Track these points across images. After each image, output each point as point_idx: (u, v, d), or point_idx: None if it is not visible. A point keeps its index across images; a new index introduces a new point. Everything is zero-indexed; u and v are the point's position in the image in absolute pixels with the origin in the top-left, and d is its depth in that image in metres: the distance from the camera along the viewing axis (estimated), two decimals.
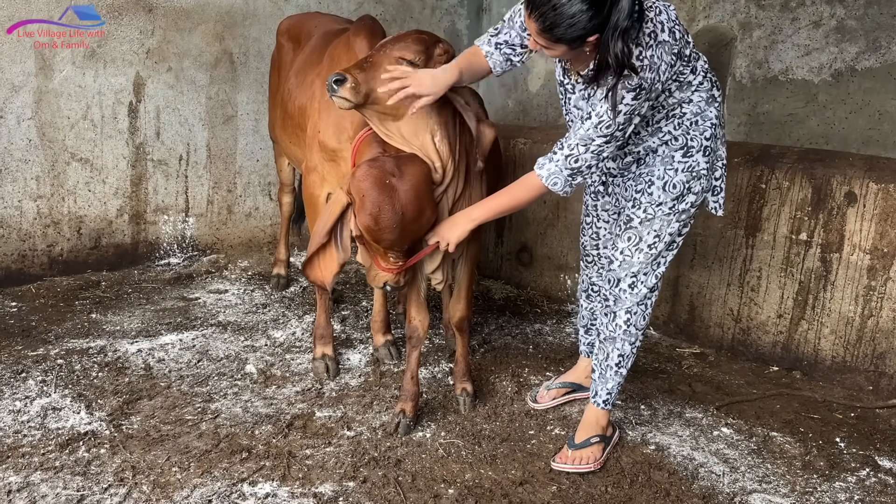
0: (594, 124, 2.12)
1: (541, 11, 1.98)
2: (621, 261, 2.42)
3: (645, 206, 2.35)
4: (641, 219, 2.36)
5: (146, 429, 2.58)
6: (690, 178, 2.32)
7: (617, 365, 2.53)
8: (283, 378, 3.04)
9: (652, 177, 2.33)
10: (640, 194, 2.35)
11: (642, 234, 2.37)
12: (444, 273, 2.65)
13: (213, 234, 4.50)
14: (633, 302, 2.44)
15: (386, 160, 2.32)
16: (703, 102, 2.28)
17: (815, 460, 2.65)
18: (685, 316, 3.70)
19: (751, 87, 3.92)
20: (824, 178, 3.22)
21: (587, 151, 2.16)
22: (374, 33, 2.80)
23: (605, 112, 2.09)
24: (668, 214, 2.34)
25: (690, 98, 2.25)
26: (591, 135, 2.13)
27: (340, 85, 2.25)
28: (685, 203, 2.34)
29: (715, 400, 3.06)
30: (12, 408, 2.64)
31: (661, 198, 2.32)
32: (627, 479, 2.48)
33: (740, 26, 3.95)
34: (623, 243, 2.41)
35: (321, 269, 2.56)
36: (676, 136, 2.28)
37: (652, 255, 2.39)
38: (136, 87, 4.05)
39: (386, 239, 2.30)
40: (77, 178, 3.96)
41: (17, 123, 3.72)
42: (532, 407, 2.90)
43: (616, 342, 2.50)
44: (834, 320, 3.24)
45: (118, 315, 3.56)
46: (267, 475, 2.35)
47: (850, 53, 3.59)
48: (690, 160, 2.30)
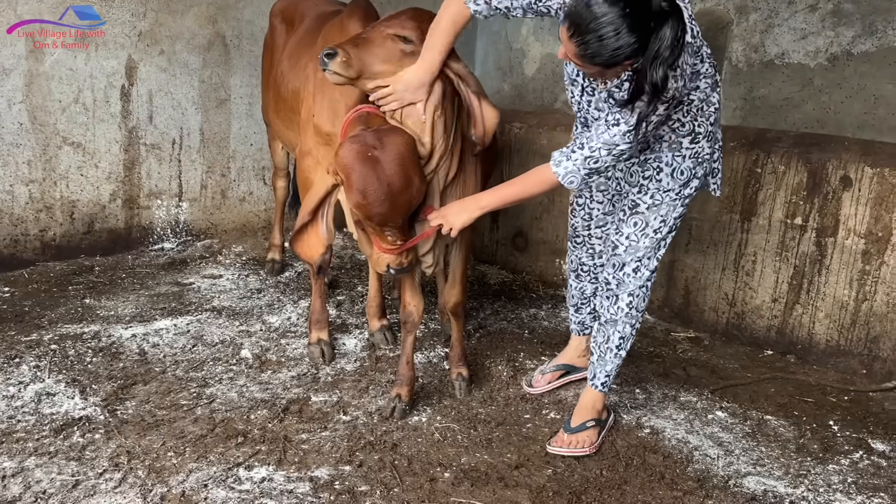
0: (622, 132, 2.08)
1: (584, 39, 1.91)
2: (627, 246, 2.42)
3: (652, 192, 2.35)
4: (649, 204, 2.36)
5: (141, 414, 2.57)
6: (696, 164, 2.32)
7: (617, 347, 2.55)
8: (279, 363, 3.03)
9: (660, 163, 2.32)
10: (649, 181, 2.35)
11: (649, 220, 2.37)
12: (435, 257, 2.64)
13: (207, 219, 4.48)
14: (636, 285, 2.45)
15: (366, 134, 2.31)
16: (708, 88, 2.25)
17: (808, 443, 2.66)
18: (680, 300, 3.71)
19: (747, 71, 3.90)
20: (820, 163, 3.22)
21: (609, 155, 2.13)
22: (367, 15, 2.77)
23: (635, 122, 2.06)
24: (674, 200, 2.35)
25: (698, 85, 2.23)
26: (616, 141, 2.10)
27: (331, 59, 2.22)
28: (689, 188, 2.35)
29: (709, 384, 3.08)
30: (6, 393, 2.63)
31: (669, 184, 2.32)
32: (622, 462, 2.49)
33: (736, 10, 3.93)
34: (629, 228, 2.40)
35: (308, 245, 2.62)
36: (684, 122, 2.26)
37: (657, 239, 2.40)
38: (129, 70, 4.01)
39: (377, 213, 2.28)
40: (69, 163, 3.92)
41: (7, 107, 3.68)
42: (528, 392, 2.91)
43: (618, 325, 2.52)
44: (828, 304, 3.25)
45: (112, 300, 3.54)
46: (263, 460, 2.35)
47: (847, 37, 3.57)
48: (696, 146, 2.30)
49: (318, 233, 2.60)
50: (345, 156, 2.27)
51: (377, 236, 2.39)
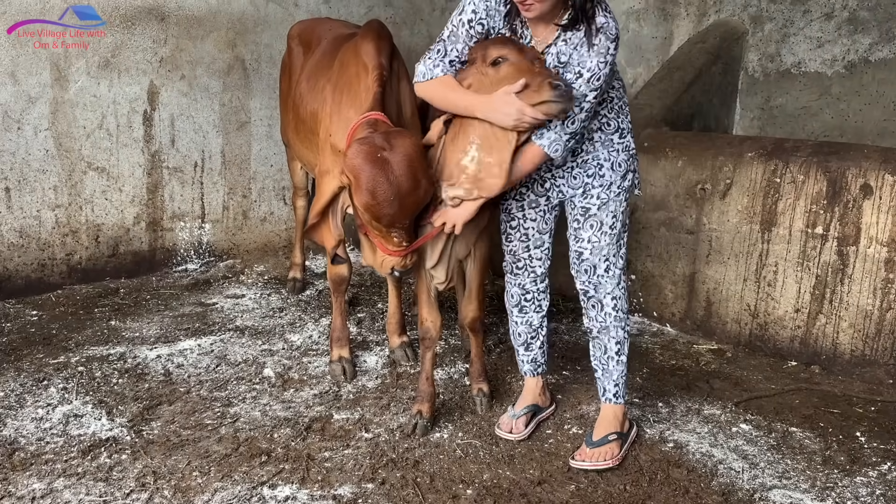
0: (586, 79, 2.25)
1: None
2: (590, 248, 2.52)
3: (597, 193, 2.48)
4: (598, 205, 2.49)
5: (166, 434, 2.61)
6: (629, 157, 2.50)
7: (617, 353, 2.59)
8: (301, 381, 3.06)
9: (599, 160, 2.47)
10: (593, 178, 2.48)
11: (603, 219, 2.49)
12: (447, 273, 2.65)
13: (229, 240, 4.53)
14: (612, 285, 2.54)
15: (375, 136, 2.33)
16: (622, 90, 2.50)
17: (835, 455, 2.63)
18: (702, 312, 3.69)
19: (763, 80, 3.90)
20: (839, 171, 3.19)
21: (581, 112, 2.28)
22: (381, 37, 2.81)
23: (595, 65, 2.24)
24: (618, 195, 2.49)
25: (614, 83, 2.45)
26: (584, 91, 2.25)
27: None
28: (627, 181, 2.51)
29: (733, 396, 3.05)
30: (35, 415, 2.68)
31: (611, 177, 2.47)
32: (646, 476, 2.47)
33: (752, 20, 3.93)
34: (587, 232, 2.52)
35: (321, 236, 2.86)
36: (610, 119, 2.45)
37: (614, 235, 2.51)
38: (151, 95, 4.09)
39: (386, 214, 2.29)
40: (94, 187, 4.00)
41: (34, 134, 3.77)
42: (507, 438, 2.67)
43: (609, 330, 2.57)
44: (852, 314, 3.21)
45: (137, 322, 3.59)
46: (286, 478, 2.37)
47: (864, 45, 3.56)
48: (625, 140, 2.49)
49: (329, 228, 2.80)
50: (353, 157, 2.28)
51: (383, 238, 2.40)
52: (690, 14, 4.37)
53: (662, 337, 3.71)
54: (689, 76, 4.26)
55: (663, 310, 3.80)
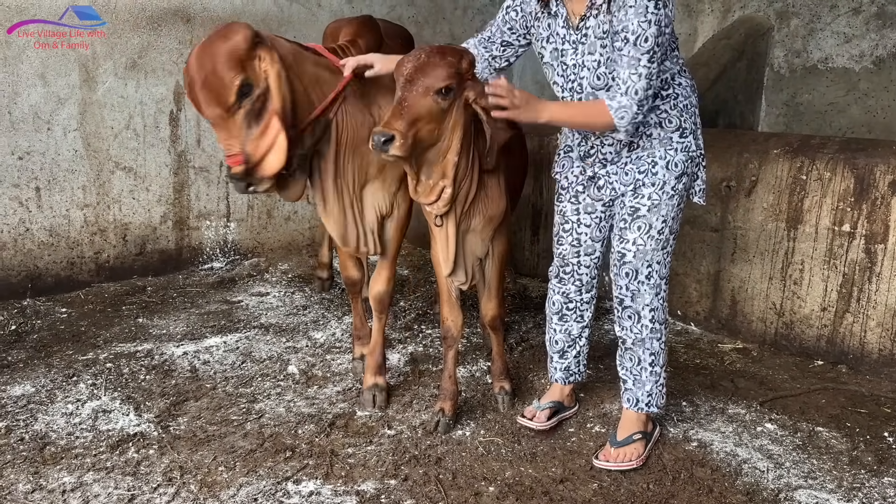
0: (633, 42, 2.15)
1: None
2: (635, 251, 2.42)
3: (649, 194, 2.37)
4: (648, 206, 2.38)
5: (193, 429, 2.65)
6: (687, 158, 2.38)
7: (651, 364, 2.52)
8: (325, 378, 3.09)
9: (654, 157, 2.36)
10: (644, 175, 2.37)
11: (651, 222, 2.39)
12: (467, 273, 2.65)
13: (254, 239, 4.58)
14: (651, 295, 2.44)
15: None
16: (689, 88, 2.38)
17: (862, 455, 2.60)
18: (727, 311, 3.66)
19: (789, 76, 3.86)
20: (867, 168, 3.15)
21: (640, 79, 2.16)
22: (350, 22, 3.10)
23: (636, 25, 2.13)
24: (671, 197, 2.37)
25: (679, 80, 2.35)
26: (635, 55, 2.15)
27: (390, 144, 2.15)
28: (682, 184, 2.38)
29: (758, 395, 3.02)
30: (65, 411, 2.73)
31: (665, 176, 2.35)
32: (669, 476, 2.46)
33: (777, 15, 3.89)
34: (633, 234, 2.41)
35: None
36: (671, 116, 2.34)
37: (661, 241, 2.41)
38: (177, 96, 4.14)
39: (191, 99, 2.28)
40: (122, 187, 4.06)
41: (63, 135, 3.83)
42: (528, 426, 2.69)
43: (645, 343, 2.49)
44: (880, 312, 3.17)
45: (164, 319, 3.65)
46: (310, 474, 2.39)
47: (892, 39, 3.50)
48: (686, 140, 2.37)
49: None
50: None
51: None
52: (715, 10, 4.33)
53: (687, 336, 3.69)
54: (713, 73, 4.23)
55: (687, 308, 3.78)
